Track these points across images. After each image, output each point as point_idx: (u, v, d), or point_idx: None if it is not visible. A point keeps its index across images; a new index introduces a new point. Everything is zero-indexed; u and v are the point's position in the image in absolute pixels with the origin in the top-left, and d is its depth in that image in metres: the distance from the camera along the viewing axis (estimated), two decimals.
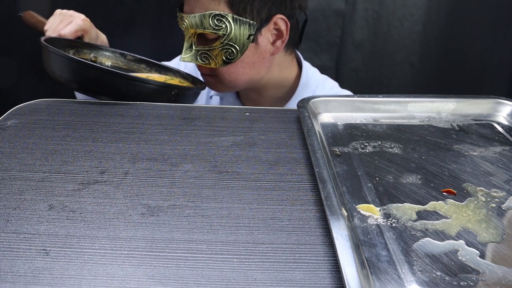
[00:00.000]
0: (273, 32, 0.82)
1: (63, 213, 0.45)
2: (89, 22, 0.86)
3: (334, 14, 1.34)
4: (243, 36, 0.78)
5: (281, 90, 0.91)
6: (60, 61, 0.72)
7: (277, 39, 0.83)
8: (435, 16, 1.32)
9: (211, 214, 0.46)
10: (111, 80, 0.70)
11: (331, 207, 0.43)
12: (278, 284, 0.38)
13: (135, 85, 0.71)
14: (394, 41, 1.35)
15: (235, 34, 0.78)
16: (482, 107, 0.68)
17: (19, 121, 0.63)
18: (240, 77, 0.83)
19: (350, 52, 1.38)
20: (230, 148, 0.58)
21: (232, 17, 0.77)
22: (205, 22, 0.77)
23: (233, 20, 0.77)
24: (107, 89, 0.72)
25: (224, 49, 0.79)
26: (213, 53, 0.80)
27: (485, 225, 0.44)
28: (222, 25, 0.77)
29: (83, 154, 0.56)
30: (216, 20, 0.77)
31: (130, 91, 0.71)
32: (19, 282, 0.37)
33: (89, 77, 0.71)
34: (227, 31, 0.77)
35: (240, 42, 0.79)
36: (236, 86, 0.86)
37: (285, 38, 0.83)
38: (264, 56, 0.83)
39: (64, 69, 0.72)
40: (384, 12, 1.33)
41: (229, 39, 0.78)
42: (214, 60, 0.80)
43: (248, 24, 0.78)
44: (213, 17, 0.77)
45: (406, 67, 1.38)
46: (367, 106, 0.67)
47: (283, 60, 0.88)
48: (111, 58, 0.90)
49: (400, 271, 0.38)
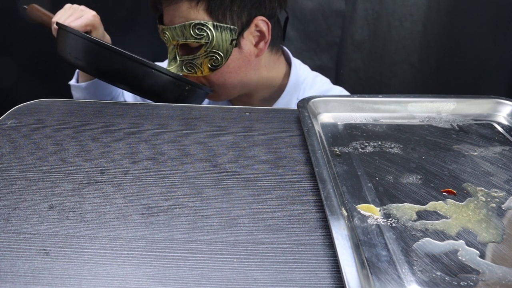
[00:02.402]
0: (255, 34, 0.82)
1: (63, 213, 0.45)
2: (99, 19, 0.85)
3: (334, 14, 1.33)
4: (225, 42, 0.79)
5: (270, 90, 0.91)
6: (79, 43, 0.71)
7: (260, 40, 0.83)
8: (435, 16, 1.32)
9: (211, 214, 0.46)
10: (130, 66, 0.70)
11: (331, 207, 0.43)
12: (278, 284, 0.38)
13: (152, 74, 0.71)
14: (394, 41, 1.35)
15: (218, 41, 0.78)
16: (482, 107, 0.68)
17: (19, 121, 0.63)
18: (227, 82, 0.84)
19: (350, 52, 1.38)
20: (230, 148, 0.58)
21: (212, 24, 0.77)
22: (186, 33, 0.77)
23: (213, 28, 0.77)
24: (124, 76, 0.71)
25: (208, 57, 0.79)
26: (197, 62, 0.80)
27: (485, 225, 0.44)
28: (204, 34, 0.77)
29: (83, 154, 0.56)
30: (197, 29, 0.77)
31: (147, 79, 0.70)
32: (19, 282, 0.37)
33: (107, 61, 0.70)
34: (209, 39, 0.78)
35: (224, 48, 0.79)
36: (228, 92, 0.86)
37: (268, 39, 0.83)
38: (249, 59, 0.84)
39: (82, 51, 0.71)
40: (384, 12, 1.33)
41: (212, 47, 0.78)
42: (199, 68, 0.80)
43: (229, 29, 0.78)
44: (194, 27, 0.77)
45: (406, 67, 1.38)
46: (367, 106, 0.67)
47: (269, 60, 0.88)
48: None
49: (400, 271, 0.38)
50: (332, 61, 1.38)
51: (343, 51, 1.38)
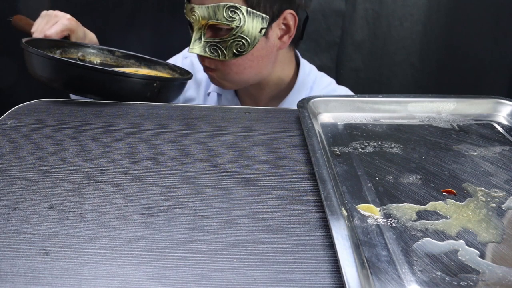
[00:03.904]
0: (281, 27, 0.83)
1: (63, 213, 0.45)
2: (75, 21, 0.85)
3: (334, 14, 1.34)
4: (255, 29, 0.78)
5: (279, 87, 0.92)
6: (39, 60, 0.70)
7: (284, 34, 0.84)
8: (435, 16, 1.32)
9: (211, 214, 0.46)
10: (91, 76, 0.69)
11: (331, 207, 0.43)
12: (278, 284, 0.38)
13: (115, 79, 0.70)
14: (394, 41, 1.35)
15: (248, 27, 0.78)
16: (482, 107, 0.68)
17: (19, 121, 0.63)
18: (246, 70, 0.83)
19: (350, 52, 1.38)
20: (230, 148, 0.58)
21: (246, 10, 0.77)
22: (219, 14, 0.77)
23: (246, 13, 0.77)
24: (89, 86, 0.71)
25: (235, 41, 0.79)
26: (223, 45, 0.79)
27: (485, 225, 0.44)
28: (236, 17, 0.77)
29: (83, 154, 0.56)
30: (230, 11, 0.76)
31: (113, 86, 0.70)
32: (19, 282, 0.37)
33: (69, 75, 0.70)
34: (240, 23, 0.77)
35: (252, 35, 0.79)
36: (241, 81, 0.86)
37: (292, 33, 0.84)
38: (271, 51, 0.84)
39: (44, 68, 0.71)
40: (384, 12, 1.33)
41: (242, 32, 0.78)
42: (223, 52, 0.80)
43: (261, 17, 0.78)
44: (227, 9, 0.76)
45: (406, 67, 1.38)
46: (367, 106, 0.67)
47: (285, 57, 0.89)
48: (99, 55, 0.89)
49: (400, 271, 0.38)
50: (332, 61, 1.38)
51: (343, 51, 1.38)
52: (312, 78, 0.94)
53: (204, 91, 0.99)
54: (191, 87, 1.00)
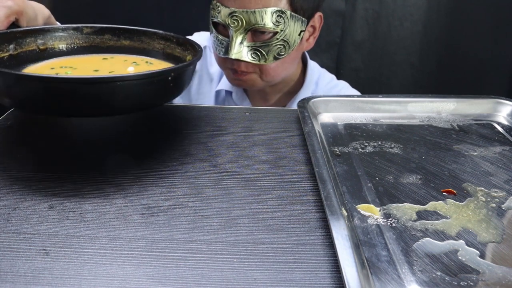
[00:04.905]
0: (309, 29, 0.84)
1: (63, 213, 0.45)
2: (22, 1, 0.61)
3: (334, 14, 1.34)
4: (295, 33, 0.79)
5: (289, 84, 0.93)
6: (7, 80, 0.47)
7: (311, 35, 0.85)
8: (435, 16, 1.32)
9: (211, 214, 0.46)
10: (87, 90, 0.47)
11: (331, 207, 0.43)
12: (278, 284, 0.38)
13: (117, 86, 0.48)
14: (394, 41, 1.35)
15: (290, 30, 0.78)
16: (482, 107, 0.68)
17: (19, 121, 0.63)
18: (282, 72, 0.84)
19: (350, 52, 1.38)
20: (230, 148, 0.58)
21: (290, 14, 0.77)
22: (266, 18, 0.76)
23: (290, 17, 0.77)
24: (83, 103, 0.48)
25: (277, 45, 0.79)
26: (265, 49, 0.79)
27: (485, 225, 0.44)
28: (281, 21, 0.77)
29: (83, 154, 0.56)
30: (277, 16, 0.76)
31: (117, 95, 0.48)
32: (19, 282, 0.37)
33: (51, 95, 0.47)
34: (284, 27, 0.77)
35: (293, 38, 0.79)
36: (274, 82, 0.87)
37: (317, 35, 0.85)
38: (301, 52, 0.86)
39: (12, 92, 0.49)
40: (384, 12, 1.33)
41: (284, 35, 0.78)
42: (264, 56, 0.79)
43: (301, 20, 0.79)
44: (275, 13, 0.76)
45: (406, 67, 1.38)
46: (367, 106, 0.67)
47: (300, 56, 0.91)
48: (64, 38, 0.66)
49: (400, 271, 0.38)
50: (332, 61, 1.38)
51: (343, 51, 1.38)
52: (317, 74, 0.95)
53: (215, 87, 0.99)
54: (205, 80, 0.99)
